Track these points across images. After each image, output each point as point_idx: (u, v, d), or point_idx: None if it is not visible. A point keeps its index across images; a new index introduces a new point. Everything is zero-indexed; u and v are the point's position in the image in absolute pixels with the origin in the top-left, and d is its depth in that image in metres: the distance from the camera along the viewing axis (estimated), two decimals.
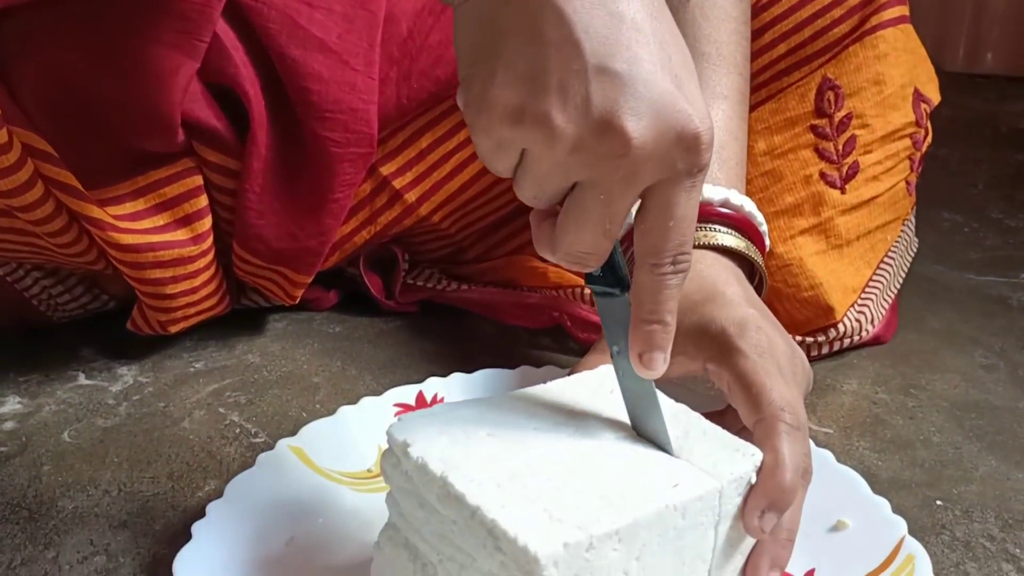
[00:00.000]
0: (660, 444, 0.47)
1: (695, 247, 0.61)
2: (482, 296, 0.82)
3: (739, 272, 0.61)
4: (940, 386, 0.74)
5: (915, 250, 0.87)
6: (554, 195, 0.41)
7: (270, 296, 0.78)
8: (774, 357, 0.53)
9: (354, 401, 0.64)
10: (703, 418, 0.50)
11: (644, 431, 0.48)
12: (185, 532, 0.54)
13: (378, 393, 0.65)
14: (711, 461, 0.47)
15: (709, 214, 0.62)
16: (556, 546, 0.39)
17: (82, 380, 0.71)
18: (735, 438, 0.49)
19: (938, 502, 0.60)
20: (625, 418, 0.49)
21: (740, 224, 0.62)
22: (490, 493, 0.42)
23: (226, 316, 0.78)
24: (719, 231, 0.61)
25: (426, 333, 0.81)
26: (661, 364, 0.44)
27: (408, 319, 0.83)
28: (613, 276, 0.45)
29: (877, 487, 0.57)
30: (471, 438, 0.46)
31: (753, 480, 0.47)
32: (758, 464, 0.47)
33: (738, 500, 0.47)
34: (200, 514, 0.53)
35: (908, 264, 0.85)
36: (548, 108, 0.38)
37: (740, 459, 0.47)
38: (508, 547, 0.40)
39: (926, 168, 0.82)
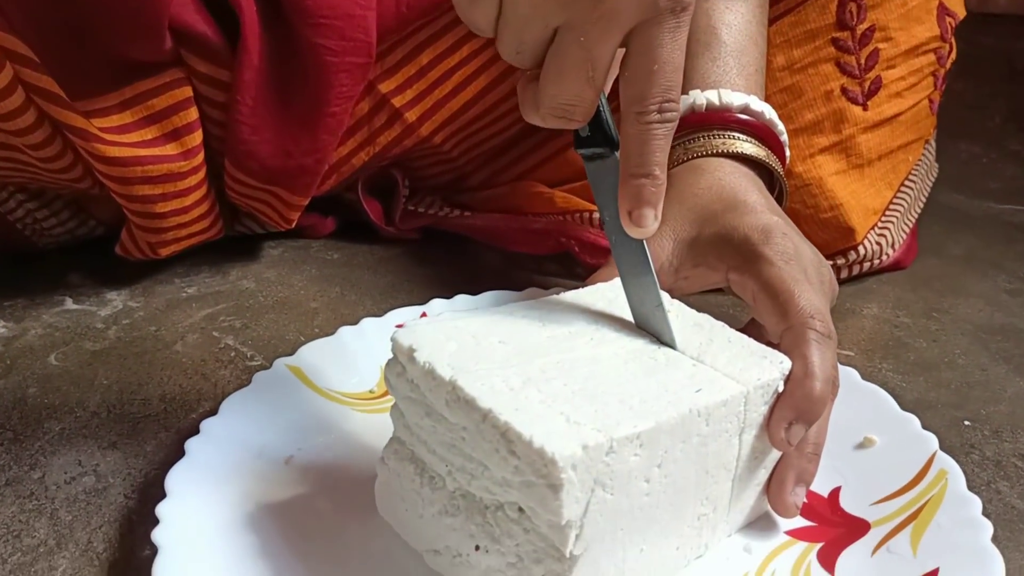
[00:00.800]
0: (659, 328, 0.45)
1: (713, 155, 0.58)
2: (486, 222, 0.79)
3: (759, 181, 0.58)
4: (963, 310, 0.72)
5: (936, 175, 0.84)
6: (535, 46, 0.40)
7: (265, 221, 0.75)
8: (801, 264, 0.50)
9: (354, 323, 0.61)
10: (727, 326, 0.47)
11: (643, 317, 0.46)
12: (178, 453, 0.52)
13: (379, 312, 0.62)
14: (736, 368, 0.44)
15: (727, 120, 0.58)
16: (574, 448, 0.36)
17: (69, 305, 0.68)
18: (762, 346, 0.46)
19: (966, 422, 0.58)
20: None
21: (760, 132, 0.59)
22: (503, 397, 0.39)
23: (220, 242, 0.75)
24: (738, 138, 0.58)
25: (428, 260, 0.78)
26: (652, 221, 0.42)
27: (409, 246, 0.80)
28: (601, 135, 0.43)
29: (903, 407, 0.54)
30: (481, 344, 0.43)
31: (780, 389, 0.45)
32: (786, 372, 0.45)
33: (764, 409, 0.44)
34: (194, 434, 0.50)
35: (929, 188, 0.82)
36: None
37: (767, 366, 0.44)
38: (523, 450, 0.37)
39: (943, 100, 0.79)
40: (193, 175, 0.66)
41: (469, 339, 0.44)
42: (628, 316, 0.48)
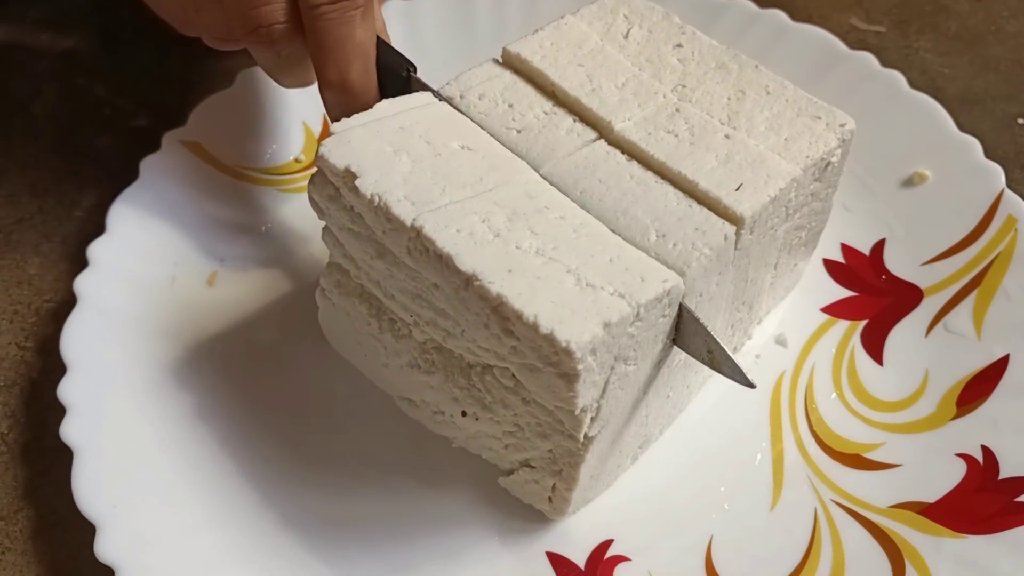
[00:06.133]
0: None
1: None
2: None
3: None
4: None
5: None
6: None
7: None
8: None
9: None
10: (762, 67, 0.36)
11: None
12: (69, 271, 0.42)
13: None
14: (780, 136, 0.33)
15: None
16: (594, 329, 0.27)
17: None
18: (810, 98, 0.35)
19: (1020, 120, 0.48)
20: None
21: None
22: (488, 250, 0.28)
23: None
24: None
25: None
26: None
27: None
28: None
29: (946, 105, 0.44)
30: (441, 154, 0.31)
31: (837, 160, 0.34)
32: (847, 137, 0.34)
33: (814, 186, 0.35)
34: (82, 247, 0.40)
35: None
36: None
37: (821, 131, 0.34)
38: (524, 332, 0.27)
39: None
40: None
41: (423, 148, 0.32)
42: (621, 52, 0.36)
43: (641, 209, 0.31)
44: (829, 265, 0.41)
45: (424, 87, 0.35)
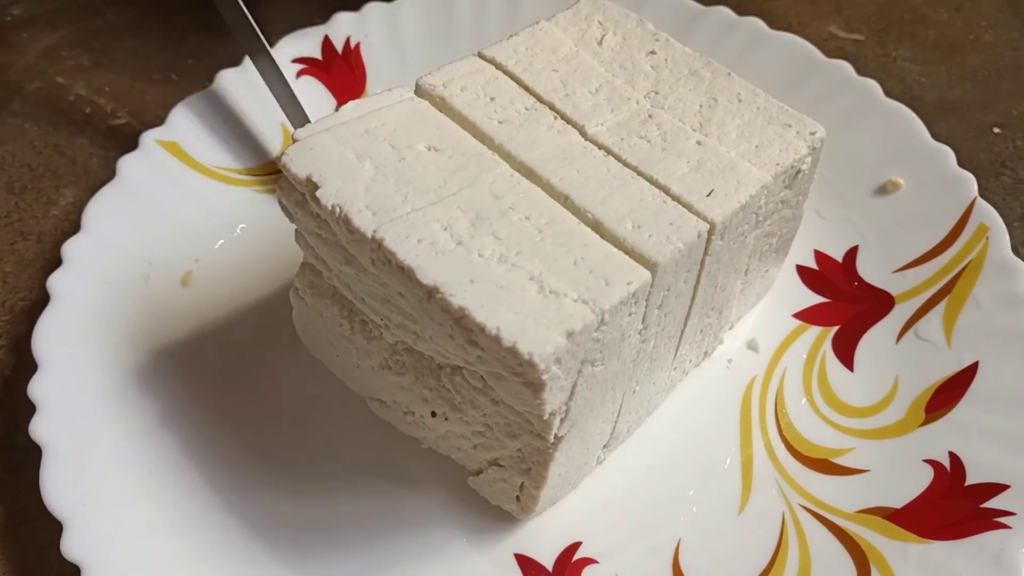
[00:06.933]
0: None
1: None
2: None
3: None
4: None
5: None
6: None
7: None
8: None
9: (236, 59, 0.47)
10: (734, 75, 0.36)
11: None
12: (43, 269, 0.42)
13: (269, 37, 0.47)
14: (751, 144, 0.33)
15: None
16: (557, 340, 0.27)
17: None
18: (782, 107, 0.35)
19: (996, 130, 0.48)
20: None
21: None
22: (450, 260, 0.29)
23: None
24: None
25: None
26: None
27: None
28: None
29: (922, 114, 0.45)
30: (405, 158, 0.31)
31: (807, 168, 0.35)
32: (816, 145, 0.34)
33: (784, 193, 0.35)
34: (57, 245, 0.40)
35: None
36: None
37: (791, 138, 0.34)
38: (488, 344, 0.27)
39: None
40: None
41: (387, 151, 0.32)
42: (595, 58, 0.36)
43: (618, 200, 0.31)
44: (802, 271, 0.41)
45: None
